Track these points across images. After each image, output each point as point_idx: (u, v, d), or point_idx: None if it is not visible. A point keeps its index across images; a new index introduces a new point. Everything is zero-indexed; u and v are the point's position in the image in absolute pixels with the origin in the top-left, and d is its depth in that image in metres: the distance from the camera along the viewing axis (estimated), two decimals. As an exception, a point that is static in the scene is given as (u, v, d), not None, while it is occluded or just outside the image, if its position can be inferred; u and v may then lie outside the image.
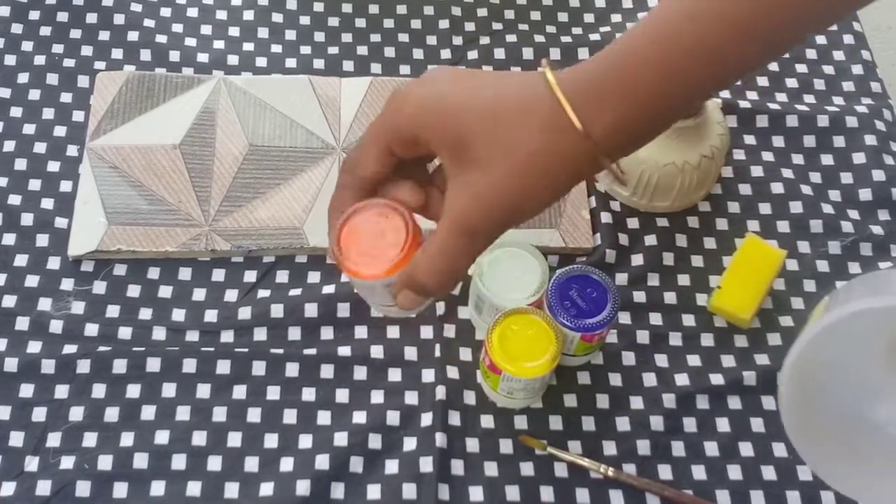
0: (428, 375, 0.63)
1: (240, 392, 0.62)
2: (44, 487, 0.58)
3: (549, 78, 0.42)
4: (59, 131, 0.72)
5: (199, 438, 0.61)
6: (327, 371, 0.63)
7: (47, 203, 0.68)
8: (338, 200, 0.48)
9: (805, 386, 0.45)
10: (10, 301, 0.64)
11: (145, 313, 0.65)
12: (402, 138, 0.45)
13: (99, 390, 0.62)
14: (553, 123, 0.42)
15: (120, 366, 0.62)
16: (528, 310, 0.59)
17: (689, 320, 0.67)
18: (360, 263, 0.47)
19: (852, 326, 0.42)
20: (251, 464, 0.60)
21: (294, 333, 0.65)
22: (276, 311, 0.65)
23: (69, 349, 0.63)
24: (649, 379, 0.65)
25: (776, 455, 0.63)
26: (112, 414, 0.61)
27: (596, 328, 0.60)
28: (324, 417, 0.62)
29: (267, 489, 0.59)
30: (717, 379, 0.65)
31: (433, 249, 0.45)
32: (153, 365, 0.63)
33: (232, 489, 0.59)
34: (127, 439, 0.60)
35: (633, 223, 0.71)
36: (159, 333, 0.64)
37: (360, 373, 0.64)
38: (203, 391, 0.62)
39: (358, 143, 0.47)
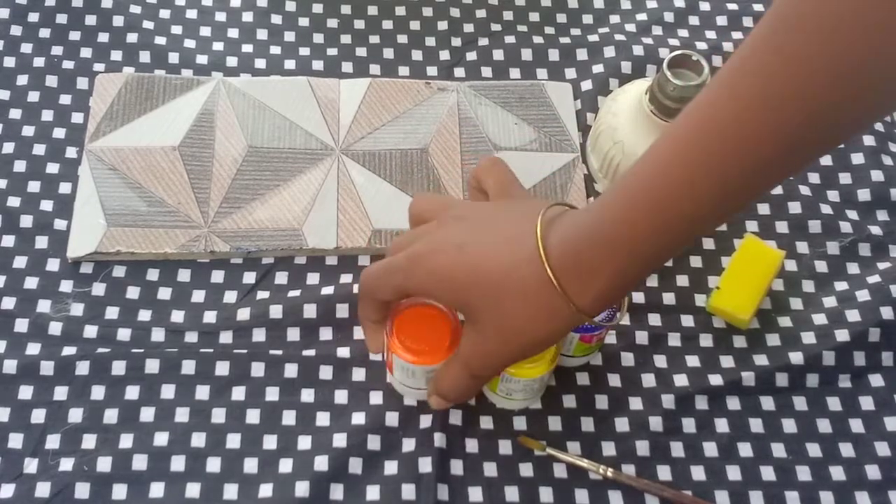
0: (427, 376, 0.64)
1: (239, 393, 0.63)
2: (43, 489, 0.58)
3: (542, 256, 0.48)
4: (59, 133, 0.72)
5: (198, 440, 0.61)
6: (326, 372, 0.64)
7: (46, 205, 0.69)
8: (363, 310, 0.56)
9: None
10: (9, 303, 0.64)
11: (144, 315, 0.65)
12: (412, 295, 0.55)
13: (98, 392, 0.62)
14: (543, 295, 0.48)
15: (119, 367, 0.62)
16: None
17: (688, 321, 0.67)
18: (412, 351, 0.57)
19: None
20: (250, 465, 0.60)
21: (293, 334, 0.65)
22: (275, 312, 0.65)
23: (68, 351, 0.63)
24: (648, 380, 0.65)
25: (775, 455, 0.63)
26: (111, 415, 0.61)
27: (595, 329, 0.60)
28: (323, 419, 0.62)
29: (266, 490, 0.59)
30: (715, 379, 0.65)
31: (448, 377, 0.55)
32: (152, 366, 0.63)
33: (231, 490, 0.59)
34: (126, 441, 0.60)
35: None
36: (158, 335, 0.64)
37: (359, 374, 0.64)
38: (202, 392, 0.62)
39: (376, 270, 0.54)
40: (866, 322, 0.66)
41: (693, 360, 0.66)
